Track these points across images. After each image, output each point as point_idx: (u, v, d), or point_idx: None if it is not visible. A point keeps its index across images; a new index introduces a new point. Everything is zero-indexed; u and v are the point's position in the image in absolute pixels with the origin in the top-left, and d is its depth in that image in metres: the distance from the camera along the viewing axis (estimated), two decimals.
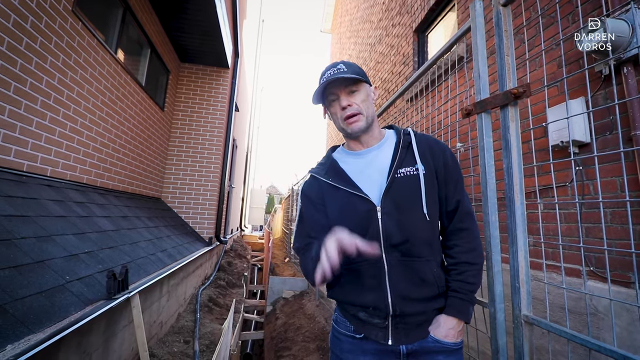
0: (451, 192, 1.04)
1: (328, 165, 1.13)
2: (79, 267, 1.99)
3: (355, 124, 1.05)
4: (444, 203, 1.05)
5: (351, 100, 1.04)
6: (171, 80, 5.30)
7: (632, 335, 1.60)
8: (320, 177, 1.10)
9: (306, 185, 1.16)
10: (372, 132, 1.10)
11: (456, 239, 1.03)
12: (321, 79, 1.07)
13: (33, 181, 2.29)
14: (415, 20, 4.35)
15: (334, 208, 1.05)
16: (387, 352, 0.99)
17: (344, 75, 1.01)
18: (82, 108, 2.89)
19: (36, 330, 1.39)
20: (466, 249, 1.01)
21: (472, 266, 1.00)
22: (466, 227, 1.03)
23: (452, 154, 1.09)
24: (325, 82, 1.02)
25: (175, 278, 3.48)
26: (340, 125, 1.08)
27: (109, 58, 3.28)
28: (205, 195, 5.49)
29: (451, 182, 1.05)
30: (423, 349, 0.98)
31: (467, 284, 0.99)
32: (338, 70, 1.04)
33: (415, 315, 0.98)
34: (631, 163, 1.67)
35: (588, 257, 1.86)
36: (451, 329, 0.97)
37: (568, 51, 2.01)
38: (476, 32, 1.34)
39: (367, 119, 1.06)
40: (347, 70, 1.04)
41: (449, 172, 1.05)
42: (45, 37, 2.36)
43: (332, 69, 1.06)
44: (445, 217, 1.06)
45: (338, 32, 10.01)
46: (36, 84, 2.30)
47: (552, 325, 1.03)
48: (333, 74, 1.03)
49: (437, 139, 1.12)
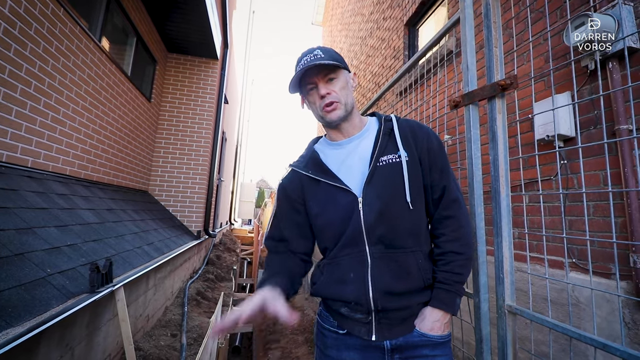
0: (437, 179, 1.00)
1: (308, 157, 1.08)
2: (61, 260, 1.95)
3: (333, 113, 1.00)
4: (430, 190, 1.01)
5: (330, 88, 0.99)
6: (158, 71, 5.19)
7: (611, 325, 1.64)
8: (300, 170, 1.06)
9: (285, 180, 1.11)
10: (352, 121, 1.06)
11: (442, 228, 0.99)
12: (297, 66, 1.00)
13: (13, 172, 2.22)
14: (406, 13, 4.34)
15: (315, 202, 1.02)
16: (371, 348, 0.97)
17: (321, 62, 0.95)
18: (64, 97, 2.80)
19: (15, 324, 1.35)
20: (452, 237, 0.97)
21: (458, 256, 0.96)
22: (452, 215, 0.99)
23: (437, 138, 1.05)
24: (302, 70, 0.96)
25: (162, 271, 3.44)
26: (318, 114, 1.03)
27: (93, 46, 3.19)
28: (194, 188, 5.42)
29: (436, 168, 1.00)
30: (408, 344, 0.95)
31: (453, 274, 0.95)
32: (315, 57, 0.98)
33: (399, 311, 0.95)
34: (614, 157, 1.70)
35: (571, 249, 1.90)
36: (436, 321, 0.94)
37: (556, 46, 2.03)
38: (465, 23, 1.34)
39: (346, 107, 1.01)
40: (324, 56, 0.98)
41: (434, 157, 1.01)
42: (26, 24, 2.27)
43: (308, 55, 0.99)
44: (431, 205, 1.02)
45: (329, 24, 9.93)
46: (16, 72, 2.22)
47: (535, 314, 1.05)
48: (310, 61, 0.97)
49: (420, 123, 1.07)
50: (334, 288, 0.98)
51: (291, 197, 1.07)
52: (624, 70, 1.66)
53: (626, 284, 1.63)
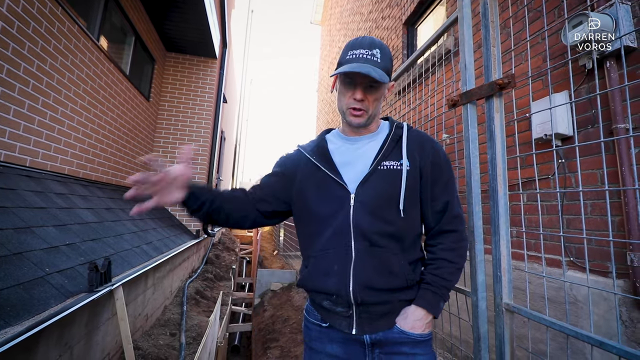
0: (439, 192, 1.01)
1: (317, 144, 1.11)
2: (59, 259, 1.94)
3: (356, 119, 1.01)
4: (429, 203, 1.02)
5: (366, 95, 0.99)
6: (157, 70, 5.18)
7: (609, 323, 1.65)
8: (306, 152, 1.09)
9: (287, 155, 1.15)
10: (370, 126, 1.07)
11: (442, 239, 1.01)
12: (349, 53, 0.98)
13: (11, 171, 2.22)
14: (404, 13, 4.34)
15: (311, 185, 1.04)
16: (352, 341, 0.99)
17: (375, 72, 0.92)
18: (62, 96, 2.80)
19: (14, 323, 1.35)
20: (449, 247, 0.99)
21: (450, 264, 0.98)
22: (454, 230, 1.00)
23: (444, 155, 1.05)
24: (353, 68, 0.93)
25: (161, 271, 3.44)
26: (343, 109, 1.04)
27: (91, 45, 3.18)
28: None
29: (440, 182, 1.02)
30: (388, 339, 0.97)
31: (441, 279, 0.97)
32: (372, 57, 0.95)
33: (379, 305, 0.96)
34: (612, 156, 1.71)
35: (569, 248, 1.91)
36: (418, 320, 0.95)
37: (553, 45, 2.04)
38: (463, 22, 1.34)
39: (370, 117, 1.02)
40: (380, 62, 0.96)
41: (439, 171, 1.02)
42: (24, 22, 2.26)
43: (366, 50, 0.96)
44: (431, 217, 1.03)
45: (328, 24, 9.92)
46: (14, 71, 2.21)
47: (532, 312, 1.05)
48: (365, 59, 0.95)
49: (432, 138, 1.08)
50: (317, 280, 0.99)
51: (283, 172, 1.11)
52: (622, 69, 1.67)
53: (623, 282, 1.64)
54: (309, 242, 1.07)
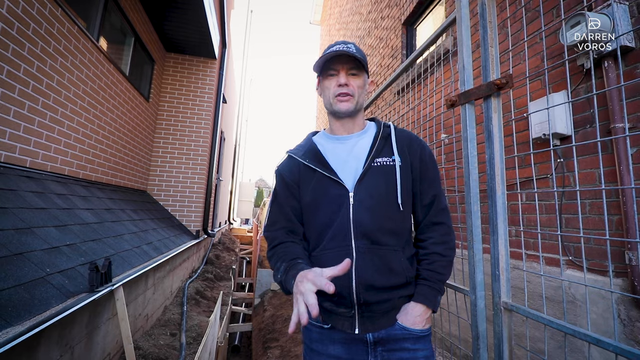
0: (427, 187, 1.06)
1: (307, 147, 1.12)
2: (60, 260, 1.95)
3: (344, 104, 1.04)
4: (419, 197, 1.06)
5: (350, 81, 1.04)
6: (156, 71, 5.19)
7: (607, 322, 1.66)
8: (298, 157, 1.09)
9: (282, 166, 1.14)
10: (357, 120, 1.11)
11: (431, 232, 1.05)
12: (328, 50, 1.04)
13: (11, 172, 2.22)
14: (403, 13, 4.34)
15: (308, 190, 1.05)
16: (355, 341, 0.99)
17: (353, 54, 1.00)
18: (62, 97, 2.80)
19: (14, 323, 1.36)
20: (440, 241, 1.03)
21: (443, 257, 1.01)
22: (442, 222, 1.05)
23: (430, 152, 1.10)
24: (333, 53, 1.00)
25: (162, 271, 3.45)
26: (329, 100, 1.07)
27: (91, 46, 3.19)
28: (192, 187, 5.42)
29: (427, 178, 1.06)
30: (390, 337, 0.98)
31: (437, 273, 1.00)
32: (348, 48, 1.02)
33: (381, 304, 0.97)
34: (610, 155, 1.72)
35: (567, 247, 1.91)
36: (418, 316, 0.98)
37: (551, 45, 2.04)
38: (461, 23, 1.35)
39: (357, 104, 1.06)
40: (356, 52, 1.03)
41: (426, 168, 1.07)
42: (23, 24, 2.27)
43: (341, 44, 1.03)
44: (420, 211, 1.07)
45: (327, 24, 9.93)
46: (14, 72, 2.22)
47: (530, 311, 1.06)
48: (342, 49, 1.01)
49: (417, 136, 1.13)
50: None
51: (288, 182, 1.10)
52: (619, 69, 1.68)
53: (622, 281, 1.65)
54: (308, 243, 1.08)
